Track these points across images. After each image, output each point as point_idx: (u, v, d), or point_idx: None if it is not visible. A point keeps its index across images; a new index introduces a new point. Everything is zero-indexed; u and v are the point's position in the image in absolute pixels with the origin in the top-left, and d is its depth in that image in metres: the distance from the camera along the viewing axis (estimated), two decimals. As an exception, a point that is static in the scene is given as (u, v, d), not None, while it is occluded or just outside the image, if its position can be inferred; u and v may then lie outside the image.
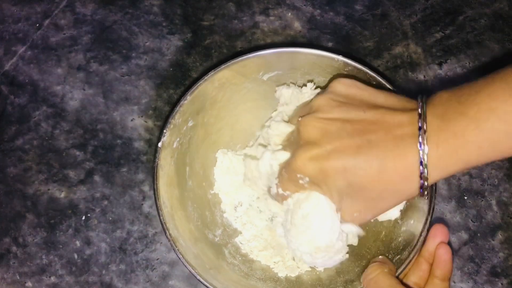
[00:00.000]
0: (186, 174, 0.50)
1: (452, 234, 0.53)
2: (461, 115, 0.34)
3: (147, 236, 0.53)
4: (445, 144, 0.34)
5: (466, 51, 0.62)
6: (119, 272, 0.51)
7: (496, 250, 0.52)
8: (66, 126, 0.58)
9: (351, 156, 0.37)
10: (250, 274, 0.48)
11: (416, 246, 0.43)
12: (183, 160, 0.49)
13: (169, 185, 0.47)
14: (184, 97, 0.48)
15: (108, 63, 0.61)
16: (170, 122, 0.47)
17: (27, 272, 0.51)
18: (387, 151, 0.36)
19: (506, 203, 0.54)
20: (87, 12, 0.64)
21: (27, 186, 0.55)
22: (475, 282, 0.51)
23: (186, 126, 0.49)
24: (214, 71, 0.48)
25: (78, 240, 0.53)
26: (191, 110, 0.49)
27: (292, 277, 0.49)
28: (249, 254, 0.50)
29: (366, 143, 0.37)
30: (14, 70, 0.61)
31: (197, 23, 0.63)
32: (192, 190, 0.50)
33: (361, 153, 0.37)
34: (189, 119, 0.49)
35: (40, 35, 0.62)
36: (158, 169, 0.46)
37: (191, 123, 0.49)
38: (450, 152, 0.34)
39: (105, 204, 0.54)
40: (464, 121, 0.33)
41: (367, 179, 0.37)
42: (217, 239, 0.50)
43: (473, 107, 0.33)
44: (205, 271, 0.44)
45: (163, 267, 0.52)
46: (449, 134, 0.34)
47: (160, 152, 0.46)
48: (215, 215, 0.51)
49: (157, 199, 0.45)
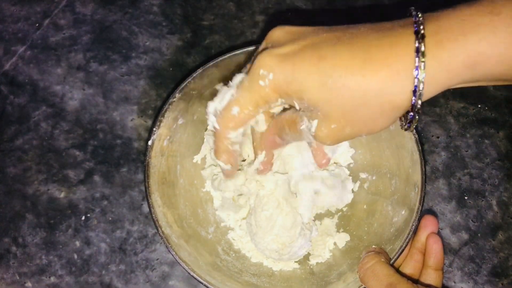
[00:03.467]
0: (177, 172, 0.50)
1: (452, 234, 0.53)
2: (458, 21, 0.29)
3: (147, 236, 0.53)
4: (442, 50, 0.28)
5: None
6: (119, 272, 0.51)
7: (496, 250, 0.52)
8: (66, 126, 0.58)
9: (330, 45, 0.30)
10: (244, 270, 0.48)
11: (408, 236, 0.43)
12: (174, 158, 0.49)
13: (161, 184, 0.47)
14: (173, 95, 0.48)
15: (108, 63, 0.61)
16: (159, 120, 0.47)
17: (26, 272, 0.51)
18: (374, 40, 0.30)
19: (507, 203, 0.54)
20: (86, 12, 0.64)
21: (26, 186, 0.55)
22: (476, 282, 0.51)
23: (176, 124, 0.49)
24: (202, 68, 0.48)
25: (77, 240, 0.52)
26: (180, 108, 0.49)
27: (286, 271, 0.49)
28: (242, 250, 0.50)
29: (348, 35, 0.30)
30: (14, 70, 0.61)
31: (197, 23, 0.63)
32: (184, 188, 0.50)
33: (342, 43, 0.30)
34: (179, 117, 0.49)
35: (39, 35, 0.62)
36: (149, 168, 0.46)
37: (181, 121, 0.49)
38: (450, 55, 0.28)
39: (104, 204, 0.54)
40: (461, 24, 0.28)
41: (348, 73, 0.29)
42: (210, 236, 0.50)
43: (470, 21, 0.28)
44: (199, 267, 0.44)
45: (163, 267, 0.51)
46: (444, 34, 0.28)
47: (151, 150, 0.46)
48: (207, 213, 0.51)
49: (149, 197, 0.45)
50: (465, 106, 0.59)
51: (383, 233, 0.47)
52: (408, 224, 0.44)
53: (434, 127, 0.57)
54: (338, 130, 0.32)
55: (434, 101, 0.59)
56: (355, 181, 0.52)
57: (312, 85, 0.31)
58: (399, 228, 0.45)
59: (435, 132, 0.57)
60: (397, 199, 0.47)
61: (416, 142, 0.46)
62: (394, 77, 0.29)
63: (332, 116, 0.32)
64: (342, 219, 0.51)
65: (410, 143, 0.47)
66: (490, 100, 0.59)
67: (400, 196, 0.47)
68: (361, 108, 0.30)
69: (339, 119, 0.32)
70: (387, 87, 0.29)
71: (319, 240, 0.50)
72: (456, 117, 0.58)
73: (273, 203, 0.45)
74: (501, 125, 0.58)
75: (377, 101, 0.30)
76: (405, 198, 0.46)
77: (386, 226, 0.47)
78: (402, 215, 0.46)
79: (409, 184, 0.47)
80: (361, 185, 0.52)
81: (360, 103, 0.30)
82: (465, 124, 0.58)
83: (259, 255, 0.50)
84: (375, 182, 0.51)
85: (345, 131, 0.32)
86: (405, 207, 0.46)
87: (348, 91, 0.30)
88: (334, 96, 0.30)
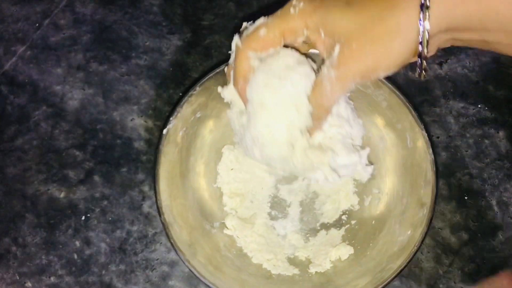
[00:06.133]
0: (190, 164, 0.50)
1: (452, 234, 0.53)
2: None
3: (147, 236, 0.53)
4: None
5: (466, 50, 0.61)
6: (119, 272, 0.51)
7: (496, 251, 0.52)
8: (66, 126, 0.58)
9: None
10: (243, 269, 0.48)
11: (410, 255, 0.43)
12: (188, 150, 0.50)
13: (171, 173, 0.47)
14: (194, 88, 0.48)
15: (108, 63, 0.61)
16: (177, 110, 0.47)
17: (26, 272, 0.51)
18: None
19: (507, 203, 0.54)
20: (86, 12, 0.64)
21: (26, 186, 0.55)
22: (476, 282, 0.51)
23: (194, 117, 0.49)
24: (225, 65, 0.47)
25: (77, 240, 0.53)
26: (200, 101, 0.49)
27: (284, 275, 0.49)
28: (244, 249, 0.50)
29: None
30: (14, 70, 0.61)
31: (197, 23, 0.63)
32: (195, 181, 0.50)
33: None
34: (197, 110, 0.49)
35: (39, 35, 0.62)
36: (161, 155, 0.46)
37: (199, 115, 0.49)
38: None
39: (104, 204, 0.54)
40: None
41: (371, 3, 0.34)
42: (214, 230, 0.50)
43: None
44: (194, 258, 0.44)
45: (163, 267, 0.51)
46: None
47: (164, 139, 0.46)
48: (215, 208, 0.51)
49: (156, 184, 0.45)
50: (465, 106, 0.59)
51: (387, 251, 0.47)
52: (412, 244, 0.44)
53: (434, 127, 0.57)
54: (358, 49, 0.35)
55: (434, 101, 0.59)
56: (367, 195, 0.52)
57: (337, 7, 0.35)
58: (403, 247, 0.45)
59: (435, 132, 0.57)
60: (406, 218, 0.47)
61: (431, 163, 0.46)
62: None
63: (353, 33, 0.35)
64: (349, 231, 0.51)
65: (426, 163, 0.47)
66: (490, 100, 0.59)
67: (409, 215, 0.47)
68: (379, 24, 0.34)
69: (359, 37, 0.35)
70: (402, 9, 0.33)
71: (322, 249, 0.50)
72: (456, 117, 0.58)
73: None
74: (501, 125, 0.58)
75: (393, 19, 0.34)
76: (414, 217, 0.46)
77: (391, 244, 0.47)
78: (408, 234, 0.46)
79: (419, 204, 0.47)
80: (372, 200, 0.52)
81: (378, 18, 0.34)
82: (465, 124, 0.58)
83: (261, 256, 0.49)
84: (387, 199, 0.51)
85: (365, 49, 0.35)
86: (411, 227, 0.46)
87: (368, 11, 0.34)
88: (355, 12, 0.35)
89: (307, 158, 0.40)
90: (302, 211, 0.53)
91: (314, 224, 0.52)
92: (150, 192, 0.54)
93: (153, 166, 0.48)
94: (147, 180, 0.55)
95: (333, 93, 0.37)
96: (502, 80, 0.60)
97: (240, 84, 0.41)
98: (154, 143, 0.57)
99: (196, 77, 0.60)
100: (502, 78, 0.60)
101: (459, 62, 0.61)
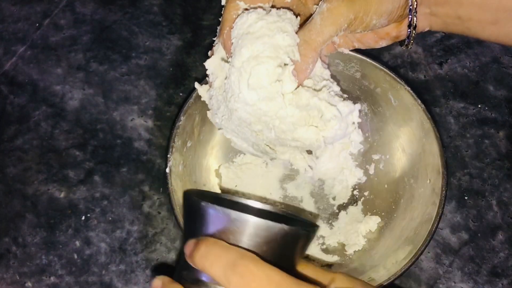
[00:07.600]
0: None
1: (452, 234, 0.53)
2: None
3: (147, 236, 0.53)
4: None
5: (466, 50, 0.61)
6: (119, 272, 0.51)
7: (496, 250, 0.52)
8: (66, 126, 0.58)
9: None
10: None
11: (442, 202, 0.44)
12: (190, 180, 0.50)
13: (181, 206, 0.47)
14: (179, 118, 0.48)
15: (108, 63, 0.61)
16: (171, 146, 0.47)
17: (26, 272, 0.51)
18: None
19: (507, 203, 0.54)
20: (86, 12, 0.64)
21: (26, 186, 0.55)
22: (476, 283, 0.51)
23: (186, 147, 0.49)
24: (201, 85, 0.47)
25: (78, 240, 0.52)
26: (187, 130, 0.49)
27: None
28: None
29: None
30: (14, 70, 0.60)
31: (197, 23, 0.63)
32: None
33: None
34: (187, 140, 0.49)
35: (39, 35, 0.62)
36: (173, 194, 0.45)
37: (189, 144, 0.50)
38: None
39: (104, 204, 0.54)
40: None
41: None
42: None
43: None
44: None
45: (163, 267, 0.51)
46: None
47: (170, 177, 0.46)
48: None
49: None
50: (465, 106, 0.59)
51: (413, 208, 0.47)
52: (438, 191, 0.44)
53: (434, 127, 0.57)
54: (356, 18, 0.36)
55: (434, 101, 0.59)
56: (369, 164, 0.53)
57: None
58: (427, 198, 0.46)
59: (435, 132, 0.57)
60: (419, 170, 0.47)
61: (424, 112, 0.47)
62: None
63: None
64: (366, 203, 0.52)
65: (418, 113, 0.47)
66: (490, 100, 0.59)
67: (421, 166, 0.47)
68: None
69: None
70: None
71: (350, 229, 0.50)
72: (456, 117, 0.58)
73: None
74: (501, 125, 0.58)
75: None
76: (427, 166, 0.46)
77: (413, 199, 0.47)
78: (428, 184, 0.46)
79: (426, 152, 0.47)
80: (376, 166, 0.52)
81: None
82: (465, 124, 0.58)
83: None
84: (390, 160, 0.51)
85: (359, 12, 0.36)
86: (429, 175, 0.46)
87: None
88: None
89: (297, 106, 0.38)
90: (315, 201, 0.53)
91: (331, 209, 0.53)
92: (150, 192, 0.54)
93: (168, 201, 0.47)
94: (147, 180, 0.55)
95: (323, 27, 0.36)
96: (502, 80, 0.60)
97: (226, 31, 0.40)
98: (154, 143, 0.57)
99: (195, 77, 0.60)
100: (502, 78, 0.60)
101: (459, 62, 0.61)
